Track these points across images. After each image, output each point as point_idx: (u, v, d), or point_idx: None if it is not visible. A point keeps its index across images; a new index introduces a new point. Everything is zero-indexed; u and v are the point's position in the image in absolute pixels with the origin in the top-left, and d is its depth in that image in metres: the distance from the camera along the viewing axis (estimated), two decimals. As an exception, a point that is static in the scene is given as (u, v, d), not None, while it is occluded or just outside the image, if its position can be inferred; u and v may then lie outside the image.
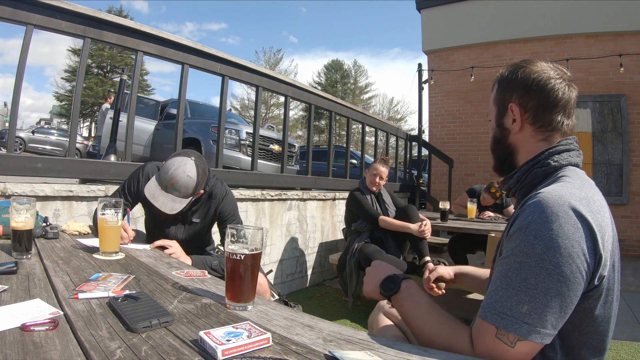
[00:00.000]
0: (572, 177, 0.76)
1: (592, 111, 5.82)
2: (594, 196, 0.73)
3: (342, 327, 0.73)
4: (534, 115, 0.83)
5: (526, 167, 0.84)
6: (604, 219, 0.70)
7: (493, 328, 0.67)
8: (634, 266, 4.81)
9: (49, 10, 2.12)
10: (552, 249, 0.65)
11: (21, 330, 0.62)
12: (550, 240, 0.65)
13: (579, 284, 0.66)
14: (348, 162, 4.76)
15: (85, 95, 23.60)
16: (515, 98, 0.85)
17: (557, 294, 0.64)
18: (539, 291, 0.65)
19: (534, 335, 0.65)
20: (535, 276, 0.65)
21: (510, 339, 0.66)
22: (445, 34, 6.94)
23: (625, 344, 2.39)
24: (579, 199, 0.69)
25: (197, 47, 2.89)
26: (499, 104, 0.89)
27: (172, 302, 0.81)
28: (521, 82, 0.84)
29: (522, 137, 0.85)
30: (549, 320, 0.65)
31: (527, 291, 0.65)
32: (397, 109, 30.62)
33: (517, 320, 0.65)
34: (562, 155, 0.81)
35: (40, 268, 1.02)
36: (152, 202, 1.49)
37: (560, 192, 0.70)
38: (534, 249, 0.66)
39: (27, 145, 13.10)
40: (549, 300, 0.64)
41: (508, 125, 0.87)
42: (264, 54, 30.04)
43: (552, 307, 0.65)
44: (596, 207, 0.70)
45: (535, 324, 0.64)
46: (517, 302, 0.66)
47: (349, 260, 2.89)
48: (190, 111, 6.24)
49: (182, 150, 1.63)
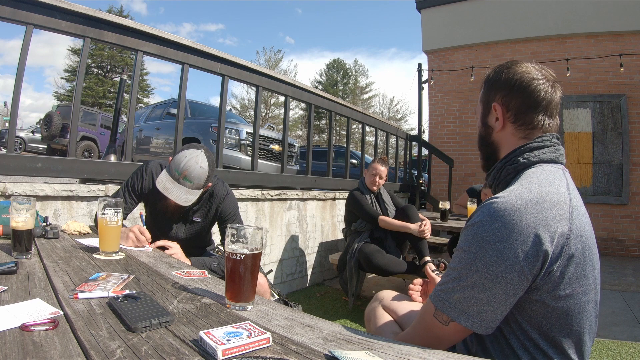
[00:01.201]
0: (531, 178, 0.79)
1: (592, 111, 5.82)
2: (548, 195, 0.75)
3: (342, 327, 0.73)
4: (515, 114, 0.87)
5: (500, 165, 0.88)
6: (555, 217, 0.73)
7: (432, 307, 0.79)
8: (634, 266, 4.80)
9: (49, 10, 2.12)
10: (484, 249, 0.72)
11: (21, 330, 0.62)
12: (484, 241, 0.73)
13: (510, 283, 0.71)
14: (348, 162, 4.76)
15: (85, 95, 23.60)
16: (498, 97, 0.89)
17: (484, 289, 0.72)
18: (467, 284, 0.74)
19: (463, 320, 0.74)
20: (466, 271, 0.74)
21: (444, 319, 0.76)
22: (445, 33, 6.94)
23: (625, 343, 2.39)
24: (525, 202, 0.73)
25: (197, 47, 2.89)
26: (484, 103, 0.93)
27: (172, 302, 0.81)
28: (504, 83, 0.88)
29: (504, 135, 0.89)
30: (477, 311, 0.73)
31: (459, 282, 0.75)
32: (397, 108, 30.65)
33: (450, 305, 0.75)
34: (534, 153, 0.84)
35: (40, 268, 1.02)
36: (166, 195, 1.49)
37: (507, 198, 0.75)
38: (470, 248, 0.74)
39: (27, 145, 13.09)
40: (477, 293, 0.73)
41: (491, 123, 0.91)
42: (265, 54, 30.12)
43: (479, 300, 0.73)
44: (547, 205, 0.73)
45: (464, 310, 0.74)
46: (451, 290, 0.76)
47: (349, 260, 2.89)
48: (190, 111, 6.24)
49: (190, 144, 1.63)
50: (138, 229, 1.42)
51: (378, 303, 1.18)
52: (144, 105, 15.17)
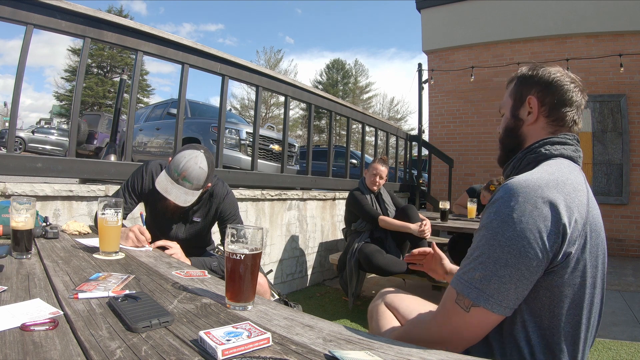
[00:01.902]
0: (551, 165, 0.81)
1: (592, 111, 5.82)
2: (568, 180, 0.77)
3: (342, 327, 0.73)
4: (549, 109, 0.89)
5: (521, 155, 0.89)
6: (574, 201, 0.74)
7: (454, 292, 0.76)
8: (634, 266, 4.80)
9: (49, 10, 2.12)
10: (506, 224, 0.71)
11: (21, 330, 0.61)
12: (506, 216, 0.72)
13: (532, 259, 0.70)
14: (348, 161, 4.76)
15: (85, 95, 23.60)
16: (534, 92, 0.90)
17: (507, 264, 0.71)
18: (490, 260, 0.72)
19: (482, 301, 0.72)
20: (488, 247, 0.73)
21: (465, 304, 0.74)
22: (445, 33, 6.94)
23: (625, 343, 2.39)
24: (546, 182, 0.74)
25: (197, 46, 2.89)
26: (515, 97, 0.94)
27: (172, 302, 0.81)
28: (541, 79, 0.90)
29: (535, 128, 0.90)
30: (498, 289, 0.71)
31: (480, 259, 0.73)
32: (397, 108, 30.66)
33: (470, 285, 0.73)
34: (555, 147, 0.86)
35: (40, 268, 1.02)
36: (165, 195, 1.49)
37: (529, 176, 0.76)
38: (492, 223, 0.74)
39: (27, 145, 13.10)
40: (499, 269, 0.71)
41: (523, 116, 0.92)
42: (265, 54, 30.13)
43: (502, 276, 0.71)
44: (567, 189, 0.75)
45: (484, 289, 0.72)
46: (473, 269, 0.74)
47: (349, 260, 2.90)
48: (190, 111, 6.24)
49: (190, 144, 1.63)
50: (138, 228, 1.42)
51: (381, 301, 1.18)
52: (144, 105, 15.17)
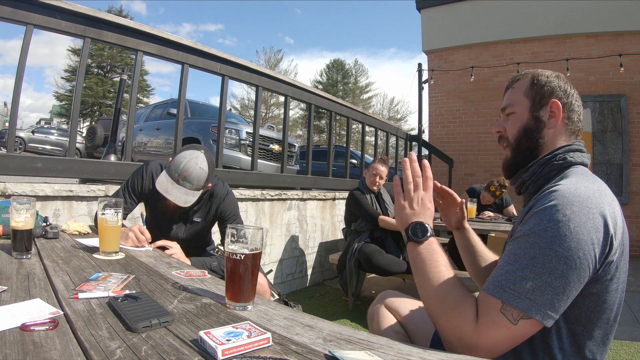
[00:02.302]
0: (584, 174, 0.82)
1: (592, 111, 5.82)
2: (605, 190, 0.78)
3: (342, 327, 0.73)
4: (568, 115, 0.90)
5: (543, 160, 0.88)
6: (615, 210, 0.75)
7: (499, 302, 0.70)
8: (634, 266, 4.80)
9: (49, 10, 2.12)
10: (563, 234, 0.69)
11: (21, 330, 0.61)
12: (563, 225, 0.69)
13: (585, 270, 0.69)
14: (348, 161, 4.76)
15: (85, 95, 23.60)
16: (555, 96, 0.90)
17: (562, 276, 0.68)
18: (545, 270, 0.68)
19: (535, 312, 0.67)
20: (543, 256, 0.69)
21: (514, 316, 0.68)
22: (445, 33, 6.94)
23: (625, 343, 2.39)
24: (593, 191, 0.74)
25: (197, 46, 2.89)
26: (533, 97, 0.92)
27: (172, 302, 0.81)
28: (558, 84, 0.91)
29: (555, 132, 0.90)
30: (551, 300, 0.68)
31: (534, 269, 0.69)
32: (397, 108, 30.67)
33: (520, 295, 0.68)
34: (577, 154, 0.87)
35: (40, 268, 1.02)
36: (165, 195, 1.49)
37: (576, 184, 0.76)
38: (547, 232, 0.70)
39: (27, 145, 13.09)
40: (554, 280, 0.68)
41: (544, 118, 0.91)
42: (265, 54, 30.15)
43: (556, 287, 0.68)
44: (608, 199, 0.76)
45: (537, 300, 0.68)
46: (522, 278, 0.69)
47: (349, 260, 2.90)
48: (190, 111, 6.24)
49: (190, 144, 1.63)
50: (138, 228, 1.42)
51: (381, 303, 1.18)
52: (144, 105, 15.18)
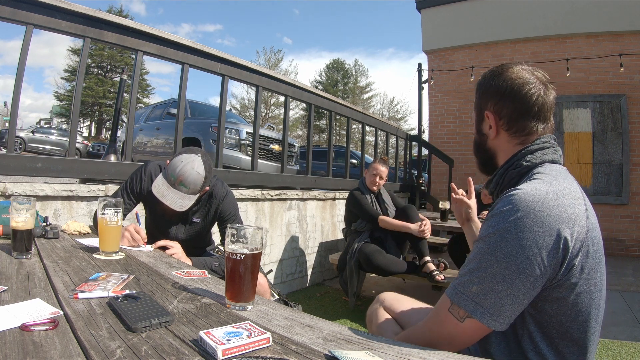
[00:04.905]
0: (545, 174, 0.79)
1: (592, 111, 5.82)
2: (565, 189, 0.76)
3: (342, 327, 0.73)
4: (508, 122, 0.87)
5: (502, 170, 0.88)
6: (575, 211, 0.73)
7: (448, 301, 0.76)
8: (634, 266, 4.80)
9: (49, 10, 2.12)
10: (504, 239, 0.71)
11: (21, 330, 0.61)
12: (505, 231, 0.71)
13: (531, 275, 0.69)
14: (348, 161, 4.76)
15: (85, 95, 23.62)
16: (490, 105, 0.89)
17: (504, 280, 0.70)
18: (487, 275, 0.71)
19: (479, 315, 0.71)
20: (486, 261, 0.72)
21: (460, 315, 0.73)
22: (445, 33, 6.94)
23: (625, 343, 2.39)
24: (546, 194, 0.73)
25: (197, 46, 2.89)
26: (477, 110, 0.94)
27: (172, 302, 0.81)
28: (495, 90, 0.87)
29: (499, 142, 0.89)
30: (494, 304, 0.71)
31: (478, 273, 0.72)
32: (397, 108, 30.69)
33: (467, 298, 0.73)
34: (535, 155, 0.84)
35: (40, 268, 1.02)
36: (161, 199, 1.48)
37: (528, 188, 0.75)
38: (490, 237, 0.73)
39: (27, 145, 13.12)
40: (496, 285, 0.70)
41: (485, 131, 0.91)
42: (265, 54, 30.16)
43: (499, 292, 0.70)
44: (566, 199, 0.74)
45: (482, 303, 0.71)
46: (469, 282, 0.73)
47: (349, 260, 2.89)
48: (190, 111, 6.24)
49: (187, 148, 1.62)
50: (133, 227, 1.42)
51: (379, 304, 1.18)
52: (144, 105, 15.18)
